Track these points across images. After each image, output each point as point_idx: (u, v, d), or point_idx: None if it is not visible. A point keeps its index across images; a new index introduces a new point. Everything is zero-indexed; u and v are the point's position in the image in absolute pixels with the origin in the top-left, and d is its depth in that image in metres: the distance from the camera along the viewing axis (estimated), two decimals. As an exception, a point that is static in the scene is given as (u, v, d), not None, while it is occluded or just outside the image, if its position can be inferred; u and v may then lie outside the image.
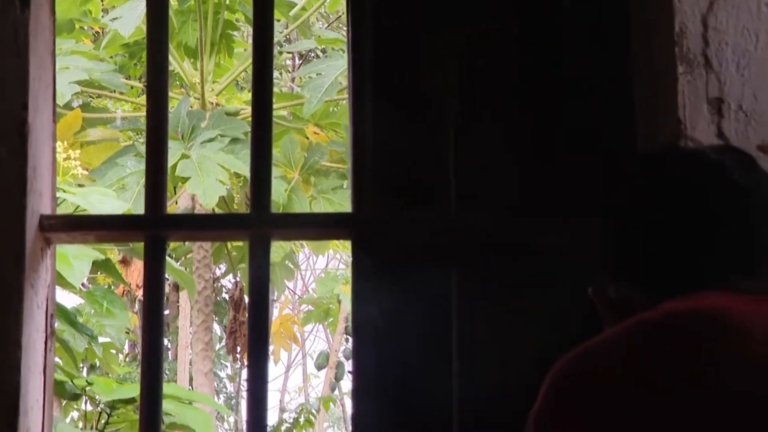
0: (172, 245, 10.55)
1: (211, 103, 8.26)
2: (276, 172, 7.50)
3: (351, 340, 2.03)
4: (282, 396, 19.92)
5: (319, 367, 16.25)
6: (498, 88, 1.99)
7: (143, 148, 2.00)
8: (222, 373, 17.38)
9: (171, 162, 7.09)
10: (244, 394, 2.10)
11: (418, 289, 1.92)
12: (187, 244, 10.37)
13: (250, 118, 2.01)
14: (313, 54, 12.57)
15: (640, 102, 1.93)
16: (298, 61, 13.81)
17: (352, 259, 1.96)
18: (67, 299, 7.86)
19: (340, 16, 10.65)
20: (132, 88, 9.33)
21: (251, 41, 2.01)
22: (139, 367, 2.00)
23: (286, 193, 7.75)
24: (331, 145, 8.23)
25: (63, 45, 7.35)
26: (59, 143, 5.46)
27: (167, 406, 4.87)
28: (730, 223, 1.37)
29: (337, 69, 7.51)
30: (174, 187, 8.75)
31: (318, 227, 2.09)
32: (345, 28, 2.11)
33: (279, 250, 9.16)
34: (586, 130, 1.95)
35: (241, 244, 8.98)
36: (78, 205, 4.50)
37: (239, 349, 10.68)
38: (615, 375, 1.25)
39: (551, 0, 2.00)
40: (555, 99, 1.97)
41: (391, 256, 1.93)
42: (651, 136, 1.87)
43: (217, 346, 15.00)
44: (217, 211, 7.97)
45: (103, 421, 5.53)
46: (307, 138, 8.26)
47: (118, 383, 5.29)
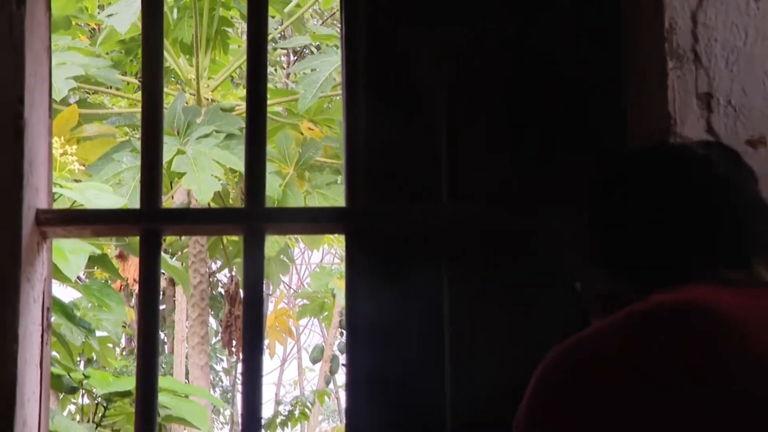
0: (169, 240, 10.54)
1: (207, 99, 8.25)
2: (271, 167, 7.50)
3: (344, 333, 2.03)
4: (277, 389, 19.89)
5: (314, 361, 16.24)
6: (490, 85, 1.99)
7: (139, 144, 2.00)
8: (218, 367, 17.37)
9: (167, 157, 7.08)
10: (240, 387, 2.11)
11: (410, 282, 1.92)
12: (183, 238, 10.37)
13: (245, 114, 2.01)
14: (307, 50, 12.55)
15: (630, 97, 1.93)
16: (292, 58, 13.79)
17: (345, 253, 1.97)
18: (65, 293, 7.85)
19: (334, 13, 10.63)
20: (128, 84, 9.32)
21: (246, 38, 2.02)
22: (135, 360, 2.00)
23: (281, 188, 7.74)
24: (326, 140, 8.22)
25: (59, 41, 7.34)
26: (56, 139, 5.46)
27: (163, 399, 4.89)
28: (718, 217, 1.38)
29: (331, 65, 7.50)
30: (170, 183, 8.75)
31: (311, 221, 2.10)
32: (339, 25, 2.12)
33: (274, 244, 9.15)
34: (578, 127, 1.96)
35: (236, 238, 8.98)
36: (74, 200, 4.51)
37: (235, 342, 10.68)
38: (606, 367, 1.24)
39: (546, 1, 2.01)
40: (548, 96, 1.98)
41: (384, 250, 1.94)
42: (641, 131, 1.88)
43: (213, 340, 14.98)
44: (213, 206, 7.96)
45: (99, 414, 5.54)
46: (301, 134, 8.24)
47: (115, 376, 5.29)
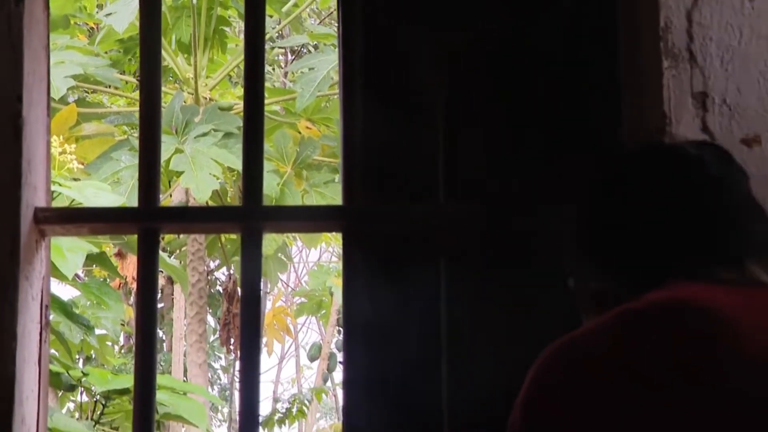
0: (167, 238, 10.56)
1: (205, 98, 8.26)
2: (269, 166, 7.51)
3: (342, 332, 2.04)
4: (275, 387, 19.93)
5: (312, 359, 16.28)
6: (489, 85, 1.99)
7: (138, 143, 2.01)
8: (216, 365, 17.39)
9: (165, 156, 7.09)
10: (238, 385, 2.11)
11: (408, 281, 1.92)
12: (181, 237, 10.38)
13: (243, 113, 2.02)
14: (305, 49, 12.56)
15: (625, 96, 1.94)
16: (290, 57, 13.80)
17: (342, 251, 1.97)
18: (64, 291, 7.86)
19: (331, 12, 10.64)
20: (127, 83, 9.33)
21: (243, 37, 2.03)
22: (134, 358, 2.01)
23: (279, 187, 7.75)
24: (323, 139, 8.23)
25: (58, 40, 7.35)
26: (55, 138, 5.47)
27: (161, 396, 4.89)
28: (711, 216, 1.39)
29: (329, 63, 7.51)
30: (168, 181, 8.76)
31: (309, 220, 2.10)
32: (336, 24, 2.12)
33: (272, 242, 9.17)
34: (577, 127, 1.96)
35: (234, 237, 8.99)
36: (73, 199, 4.52)
37: (233, 340, 10.69)
38: (599, 366, 1.24)
39: (545, 1, 2.02)
40: (547, 96, 1.98)
41: (382, 249, 1.94)
42: (636, 129, 1.88)
43: (211, 338, 15.01)
44: (211, 204, 7.96)
45: (98, 411, 5.55)
46: (299, 133, 8.25)
47: (114, 374, 5.30)
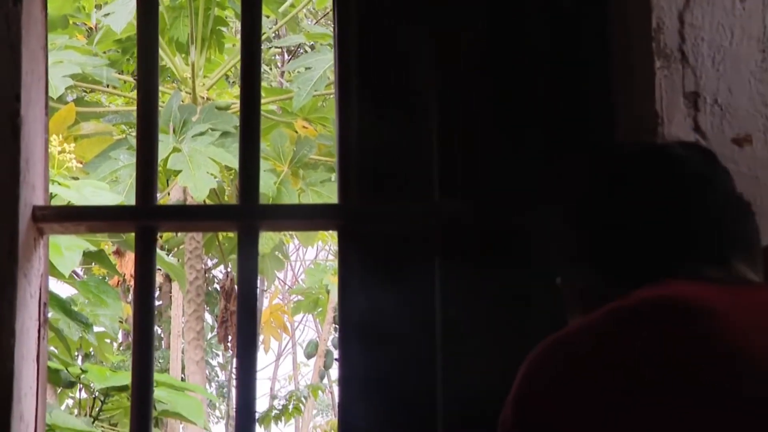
0: (165, 237, 10.57)
1: (202, 97, 8.27)
2: (265, 165, 7.52)
3: (338, 330, 2.04)
4: (272, 384, 19.92)
5: (309, 356, 16.27)
6: (486, 85, 2.00)
7: (135, 142, 2.02)
8: (213, 362, 17.39)
9: (162, 155, 7.10)
10: (235, 382, 2.12)
11: (404, 280, 1.93)
12: (179, 235, 10.39)
13: (239, 112, 2.03)
14: (301, 49, 12.56)
15: (617, 96, 1.94)
16: (287, 57, 13.81)
17: (338, 250, 1.97)
18: (63, 289, 7.88)
19: (327, 12, 10.64)
20: (125, 82, 9.34)
21: (240, 37, 2.03)
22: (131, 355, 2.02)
23: (276, 185, 7.76)
24: (320, 138, 8.24)
25: (56, 40, 7.36)
26: (54, 137, 5.48)
27: (159, 393, 4.90)
28: (697, 215, 1.39)
29: (325, 63, 7.52)
30: (166, 180, 8.77)
31: (305, 218, 2.10)
32: (332, 24, 2.13)
33: (269, 241, 9.18)
34: (575, 127, 1.95)
35: (232, 235, 9.00)
36: (69, 200, 4.53)
37: (230, 338, 10.70)
38: (590, 363, 1.24)
39: (543, 2, 2.03)
40: (546, 96, 1.98)
41: (377, 247, 1.94)
42: (629, 129, 1.89)
43: (209, 335, 15.01)
44: (208, 203, 7.98)
45: (97, 408, 5.56)
46: (296, 132, 8.27)
47: (112, 371, 5.30)
